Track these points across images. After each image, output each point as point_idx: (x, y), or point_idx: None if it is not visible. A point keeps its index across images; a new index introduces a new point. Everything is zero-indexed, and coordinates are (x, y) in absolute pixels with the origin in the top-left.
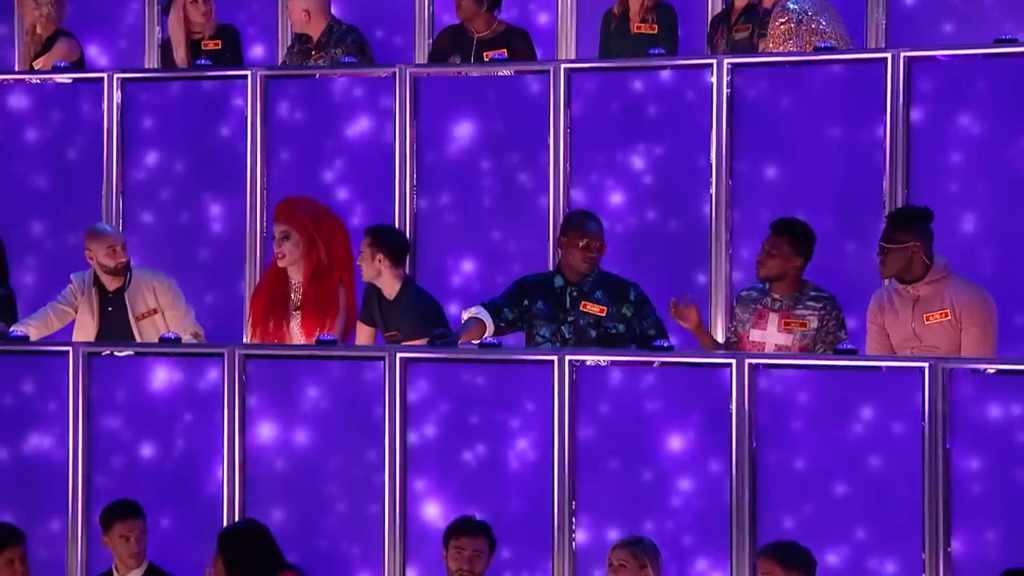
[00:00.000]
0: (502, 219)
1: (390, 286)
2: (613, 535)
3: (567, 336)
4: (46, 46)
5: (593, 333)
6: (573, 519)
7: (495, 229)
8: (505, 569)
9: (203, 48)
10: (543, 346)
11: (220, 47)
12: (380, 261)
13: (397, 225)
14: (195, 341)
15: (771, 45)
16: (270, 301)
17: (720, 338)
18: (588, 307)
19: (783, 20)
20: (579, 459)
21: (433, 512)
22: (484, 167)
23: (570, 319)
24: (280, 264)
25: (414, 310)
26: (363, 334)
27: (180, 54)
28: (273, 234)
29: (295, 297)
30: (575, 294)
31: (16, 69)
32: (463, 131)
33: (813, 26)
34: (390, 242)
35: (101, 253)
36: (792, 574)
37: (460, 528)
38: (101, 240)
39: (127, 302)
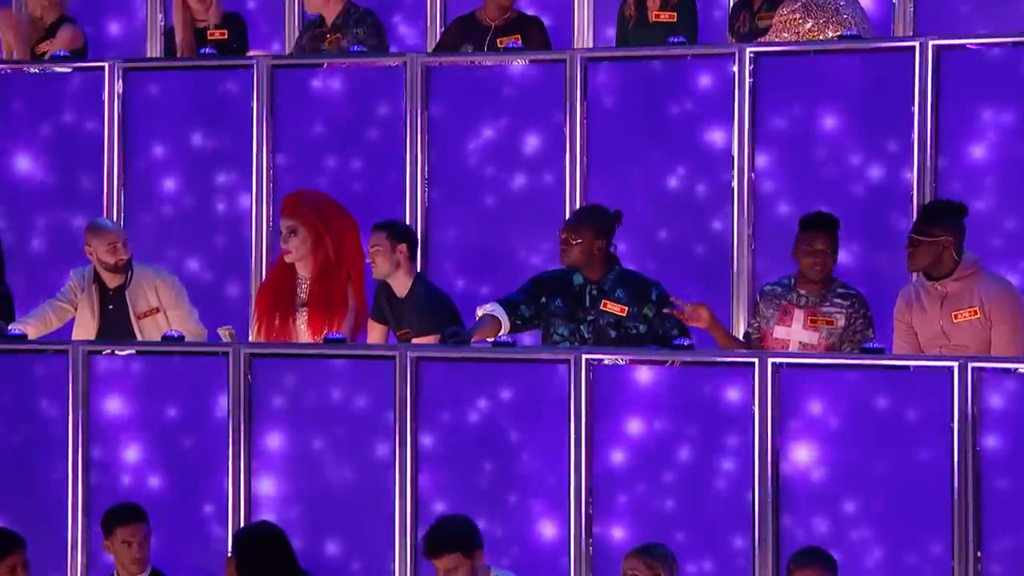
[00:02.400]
0: (517, 215)
1: (402, 283)
2: (631, 539)
3: (586, 336)
4: (48, 32)
5: (613, 333)
6: (591, 523)
7: (510, 225)
8: (521, 573)
9: (208, 38)
10: (560, 345)
11: (226, 37)
12: (401, 253)
13: (408, 220)
14: (228, 339)
15: (772, 34)
16: (276, 298)
17: (739, 334)
18: (608, 306)
19: (789, 8)
20: (595, 461)
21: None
22: (498, 160)
23: (589, 318)
24: (287, 259)
25: (425, 307)
26: (375, 332)
27: (180, 38)
28: (280, 228)
29: (302, 294)
30: (595, 292)
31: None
32: (476, 123)
33: (825, 18)
34: (410, 235)
35: (102, 249)
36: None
37: (427, 548)
38: (102, 236)
39: (128, 300)
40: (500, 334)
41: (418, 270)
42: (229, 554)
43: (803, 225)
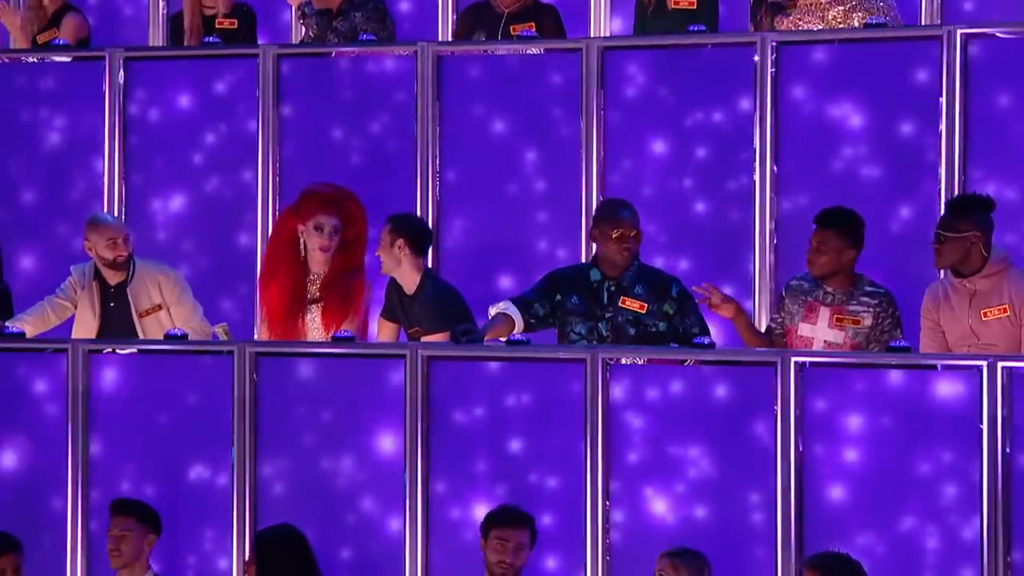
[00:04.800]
0: (533, 209)
1: (410, 278)
2: (647, 541)
3: (604, 334)
4: (52, 20)
5: (632, 331)
6: (607, 526)
7: (526, 220)
8: (538, 574)
9: (217, 26)
10: (578, 344)
11: (235, 27)
12: (400, 248)
13: (419, 213)
14: (225, 337)
15: (796, 17)
16: (291, 297)
17: (762, 328)
18: (627, 303)
19: None
20: (612, 464)
21: (457, 516)
22: (513, 151)
23: (607, 316)
24: (323, 257)
25: (433, 304)
26: (385, 330)
27: (188, 23)
28: (319, 225)
29: (312, 291)
30: (613, 289)
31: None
32: (490, 113)
33: (854, 3)
34: (412, 229)
35: (101, 245)
36: None
37: (504, 518)
38: (101, 231)
39: (130, 297)
40: (514, 333)
41: (428, 266)
42: (248, 557)
43: (814, 220)
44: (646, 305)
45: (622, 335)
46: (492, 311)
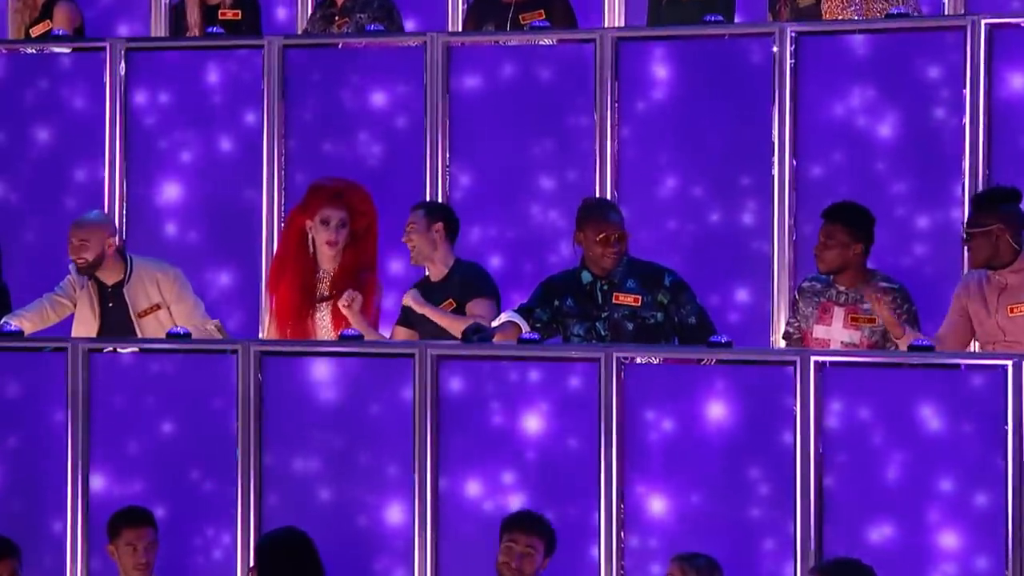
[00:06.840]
0: (542, 205)
1: (442, 264)
2: (659, 546)
3: (603, 333)
4: (44, 12)
5: (630, 326)
6: (621, 532)
7: (536, 216)
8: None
9: (220, 17)
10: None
11: (239, 17)
12: (438, 231)
13: None
14: (218, 336)
15: (827, 14)
16: (302, 295)
17: (779, 333)
18: (621, 298)
19: None
20: (627, 468)
21: (468, 520)
22: (523, 146)
23: (604, 314)
24: (331, 252)
25: (468, 277)
26: (400, 337)
27: (194, 16)
28: (326, 219)
29: (322, 288)
30: (606, 287)
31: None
32: (502, 105)
33: None
34: (447, 213)
35: (71, 247)
36: None
37: (516, 521)
38: (71, 233)
39: (127, 298)
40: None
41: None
42: (252, 562)
43: (821, 215)
44: (640, 298)
45: (621, 331)
46: (495, 323)
